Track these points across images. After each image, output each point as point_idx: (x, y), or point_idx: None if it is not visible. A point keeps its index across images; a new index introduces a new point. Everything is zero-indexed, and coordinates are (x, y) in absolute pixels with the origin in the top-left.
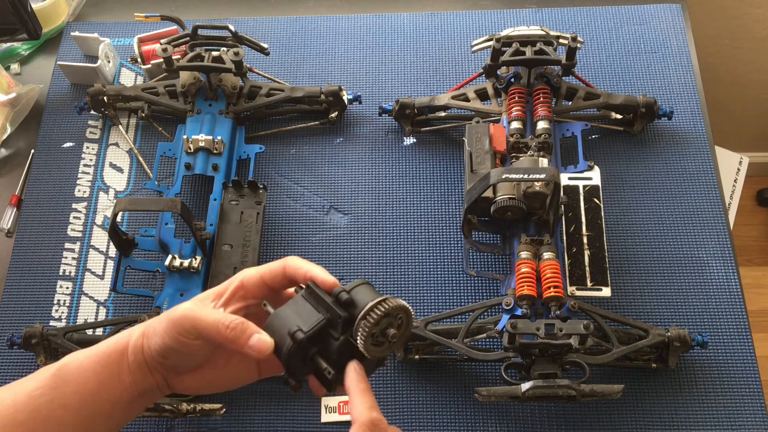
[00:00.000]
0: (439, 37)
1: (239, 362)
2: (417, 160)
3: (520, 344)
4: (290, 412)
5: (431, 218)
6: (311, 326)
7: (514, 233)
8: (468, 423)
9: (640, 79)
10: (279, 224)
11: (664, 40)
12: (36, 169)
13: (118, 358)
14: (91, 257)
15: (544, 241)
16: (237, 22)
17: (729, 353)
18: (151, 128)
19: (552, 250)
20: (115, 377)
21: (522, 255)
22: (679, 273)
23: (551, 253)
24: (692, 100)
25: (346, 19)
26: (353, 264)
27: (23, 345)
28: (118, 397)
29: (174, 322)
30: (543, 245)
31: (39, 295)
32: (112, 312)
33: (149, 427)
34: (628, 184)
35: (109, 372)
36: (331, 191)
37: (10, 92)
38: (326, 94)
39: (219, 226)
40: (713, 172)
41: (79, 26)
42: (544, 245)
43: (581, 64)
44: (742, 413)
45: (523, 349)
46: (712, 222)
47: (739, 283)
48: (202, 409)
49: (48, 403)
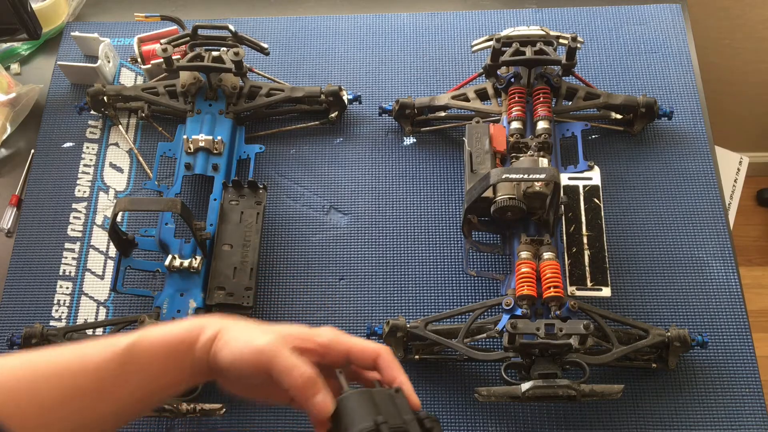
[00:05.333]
0: (439, 37)
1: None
2: (417, 160)
3: (520, 344)
4: (290, 412)
5: (431, 218)
6: (396, 427)
7: (514, 233)
8: (468, 423)
9: (640, 79)
10: (279, 224)
11: (664, 40)
12: (36, 169)
13: (185, 351)
14: (91, 257)
15: (544, 241)
16: (237, 22)
17: (729, 353)
18: (151, 128)
19: (552, 250)
20: (178, 369)
21: (522, 255)
22: (679, 273)
23: (551, 253)
24: (692, 100)
25: (346, 19)
26: (353, 264)
27: (23, 345)
28: (174, 386)
29: (252, 352)
30: (543, 245)
31: (39, 295)
32: (112, 312)
33: (149, 426)
34: (628, 184)
35: (174, 362)
36: (331, 191)
37: (10, 92)
38: (326, 94)
39: (219, 226)
40: (713, 172)
41: (79, 26)
42: (544, 245)
43: (581, 64)
44: (742, 413)
45: (523, 349)
46: (712, 222)
47: (739, 283)
48: (202, 409)
49: (113, 377)
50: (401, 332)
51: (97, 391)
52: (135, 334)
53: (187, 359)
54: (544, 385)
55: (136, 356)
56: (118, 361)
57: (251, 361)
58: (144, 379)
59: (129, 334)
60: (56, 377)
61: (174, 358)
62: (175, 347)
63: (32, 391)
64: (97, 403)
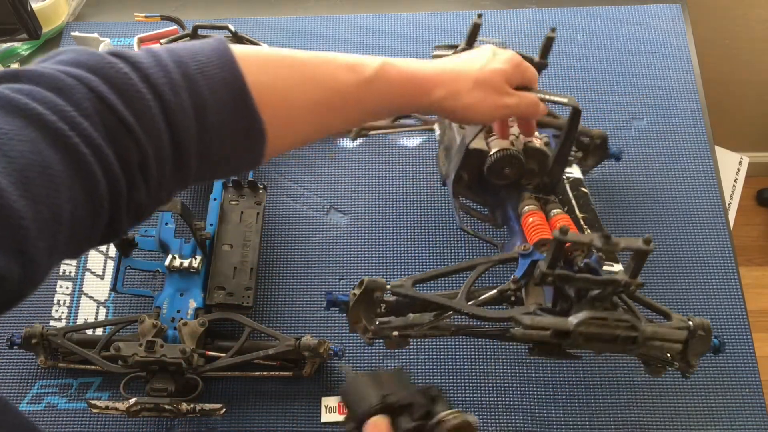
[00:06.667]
0: (439, 37)
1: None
2: (417, 160)
3: (557, 275)
4: (290, 412)
5: (431, 218)
6: (401, 398)
7: (507, 200)
8: None
9: (640, 79)
10: (279, 224)
11: (664, 40)
12: None
13: (418, 96)
14: (91, 257)
15: (550, 200)
16: (237, 22)
17: (729, 353)
18: None
19: (560, 207)
20: (409, 106)
21: (527, 208)
22: (679, 273)
23: (560, 209)
24: (692, 100)
25: (346, 19)
26: (353, 264)
27: (23, 345)
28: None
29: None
30: (549, 203)
31: (39, 295)
32: (112, 312)
33: (149, 427)
34: (628, 184)
35: (407, 99)
36: (331, 191)
37: None
38: None
39: (219, 226)
40: (713, 172)
41: (79, 26)
42: (550, 203)
43: (582, 64)
44: (742, 413)
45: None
46: (712, 222)
47: (739, 283)
48: (202, 409)
49: (355, 101)
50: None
51: (341, 108)
52: (376, 63)
53: (415, 104)
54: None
55: (376, 87)
56: (363, 88)
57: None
58: (379, 104)
59: (370, 60)
60: (311, 87)
61: (408, 97)
62: (410, 91)
63: (287, 94)
64: (336, 117)
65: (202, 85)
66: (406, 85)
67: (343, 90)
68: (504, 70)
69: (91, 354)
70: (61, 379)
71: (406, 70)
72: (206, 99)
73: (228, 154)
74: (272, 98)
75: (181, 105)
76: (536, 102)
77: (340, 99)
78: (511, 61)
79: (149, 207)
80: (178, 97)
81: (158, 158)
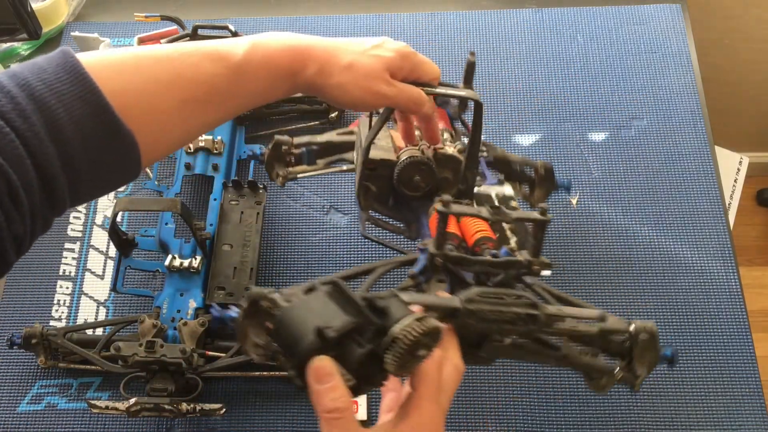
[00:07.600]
0: (439, 37)
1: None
2: None
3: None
4: (290, 412)
5: None
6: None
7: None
8: (468, 423)
9: (640, 79)
10: (279, 224)
11: (664, 40)
12: None
13: (289, 77)
14: (91, 257)
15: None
16: (237, 22)
17: (729, 353)
18: None
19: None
20: (281, 89)
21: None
22: (679, 273)
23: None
24: (692, 100)
25: (346, 19)
26: (353, 264)
27: (23, 345)
28: (277, 97)
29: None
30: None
31: (39, 295)
32: (112, 312)
33: (149, 427)
34: (628, 183)
35: (278, 83)
36: (331, 191)
37: None
38: None
39: (219, 226)
40: (713, 172)
41: (79, 26)
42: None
43: (582, 64)
44: (742, 413)
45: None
46: (712, 222)
47: (739, 283)
48: (202, 409)
49: (224, 92)
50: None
51: (213, 102)
52: (243, 48)
53: (290, 84)
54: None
55: (246, 73)
56: (233, 78)
57: (366, 103)
58: (253, 91)
59: (235, 46)
60: (176, 85)
61: (278, 80)
62: (280, 74)
63: (149, 97)
64: (211, 111)
65: (53, 105)
66: (277, 63)
67: (211, 82)
68: (388, 58)
69: (91, 354)
70: (61, 379)
71: (275, 47)
72: (60, 118)
73: (99, 171)
74: (135, 103)
75: (32, 130)
76: (419, 97)
77: (210, 93)
78: (400, 52)
79: (26, 239)
80: (28, 122)
81: (26, 186)
